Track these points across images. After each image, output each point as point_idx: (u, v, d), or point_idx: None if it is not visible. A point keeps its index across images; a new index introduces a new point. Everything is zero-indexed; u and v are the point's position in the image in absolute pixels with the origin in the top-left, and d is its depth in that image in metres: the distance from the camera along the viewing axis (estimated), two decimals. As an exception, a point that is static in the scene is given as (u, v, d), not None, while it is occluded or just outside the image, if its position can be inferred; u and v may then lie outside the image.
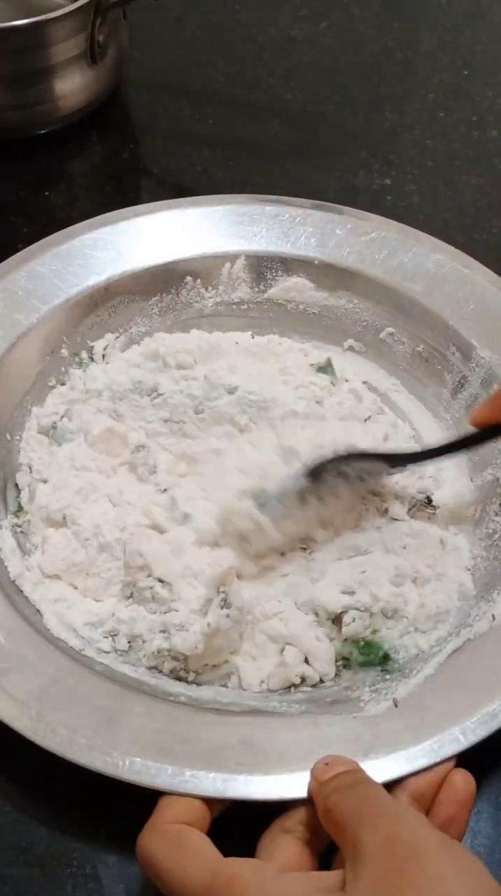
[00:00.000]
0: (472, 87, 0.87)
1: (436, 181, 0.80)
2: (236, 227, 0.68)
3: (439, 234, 0.70)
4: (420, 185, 0.79)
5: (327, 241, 0.60)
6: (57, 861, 0.49)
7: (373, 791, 0.44)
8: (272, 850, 0.45)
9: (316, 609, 0.55)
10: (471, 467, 0.62)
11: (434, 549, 0.58)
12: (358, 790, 0.44)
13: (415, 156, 0.82)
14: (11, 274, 0.64)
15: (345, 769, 0.46)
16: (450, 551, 0.58)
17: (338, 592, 0.55)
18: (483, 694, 0.50)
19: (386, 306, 0.67)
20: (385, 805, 0.43)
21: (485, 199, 0.79)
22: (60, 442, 0.61)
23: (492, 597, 0.55)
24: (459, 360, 0.65)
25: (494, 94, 0.87)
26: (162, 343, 0.64)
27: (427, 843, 0.40)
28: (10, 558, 0.56)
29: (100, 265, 0.66)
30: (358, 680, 0.53)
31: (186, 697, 0.52)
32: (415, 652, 0.54)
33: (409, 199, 0.78)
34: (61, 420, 0.61)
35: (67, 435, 0.60)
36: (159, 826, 0.44)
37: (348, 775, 0.45)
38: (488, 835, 0.51)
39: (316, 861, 0.45)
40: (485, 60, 0.90)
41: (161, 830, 0.44)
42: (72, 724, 0.48)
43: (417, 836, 0.40)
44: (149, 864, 0.43)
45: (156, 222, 0.68)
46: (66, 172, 0.79)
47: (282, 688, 0.53)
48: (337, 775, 0.45)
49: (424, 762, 0.48)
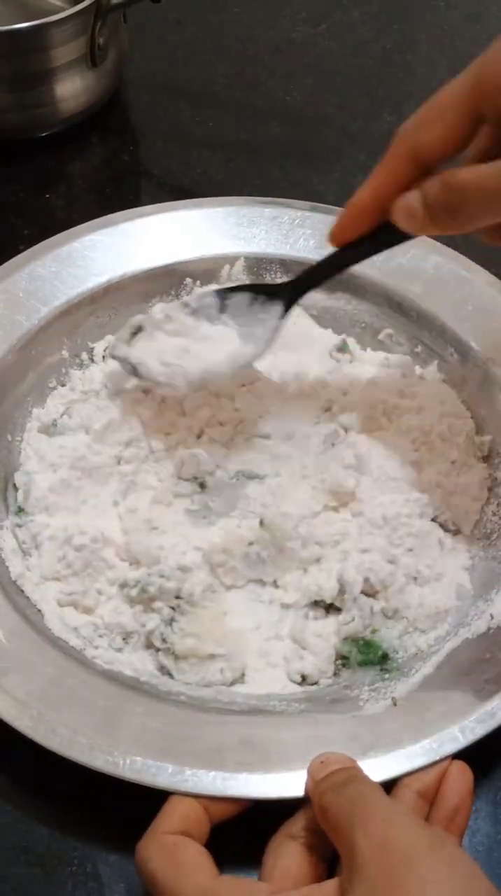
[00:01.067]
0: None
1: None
2: (235, 229, 0.68)
3: (438, 236, 0.70)
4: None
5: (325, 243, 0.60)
6: (57, 860, 0.49)
7: (366, 790, 0.44)
8: (277, 856, 0.45)
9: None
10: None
11: (433, 549, 0.58)
12: (351, 789, 0.44)
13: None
14: (12, 276, 0.64)
15: (340, 767, 0.46)
16: (449, 551, 0.58)
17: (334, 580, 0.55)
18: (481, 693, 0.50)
19: (385, 307, 0.67)
20: (377, 805, 0.43)
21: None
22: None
23: (490, 596, 0.55)
24: (457, 360, 0.65)
25: (493, 97, 0.87)
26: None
27: (419, 846, 0.40)
28: (11, 558, 0.56)
29: (101, 267, 0.66)
30: (357, 679, 0.53)
31: (186, 697, 0.52)
32: (414, 651, 0.54)
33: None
34: (61, 418, 0.61)
35: (67, 431, 0.60)
36: (157, 836, 0.45)
37: (341, 773, 0.45)
38: (487, 833, 0.51)
39: (321, 867, 0.45)
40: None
41: (158, 841, 0.44)
42: (72, 723, 0.48)
43: (409, 839, 0.40)
44: (146, 875, 0.43)
45: (155, 224, 0.68)
46: (67, 174, 0.79)
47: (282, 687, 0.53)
48: (332, 773, 0.45)
49: (423, 761, 0.48)
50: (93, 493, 0.59)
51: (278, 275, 0.68)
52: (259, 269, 0.68)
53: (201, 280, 0.68)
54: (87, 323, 0.66)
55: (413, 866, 0.39)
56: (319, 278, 0.59)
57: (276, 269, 0.68)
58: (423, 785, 0.47)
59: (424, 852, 0.40)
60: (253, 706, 0.52)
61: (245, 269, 0.68)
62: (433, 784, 0.48)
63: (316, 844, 0.45)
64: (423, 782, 0.48)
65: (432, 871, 0.39)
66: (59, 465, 0.58)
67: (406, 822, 0.41)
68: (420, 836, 0.41)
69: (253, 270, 0.68)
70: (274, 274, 0.68)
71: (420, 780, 0.48)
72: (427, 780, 0.48)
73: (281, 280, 0.67)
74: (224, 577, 0.56)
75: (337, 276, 0.59)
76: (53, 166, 0.81)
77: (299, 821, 0.46)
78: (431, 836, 0.41)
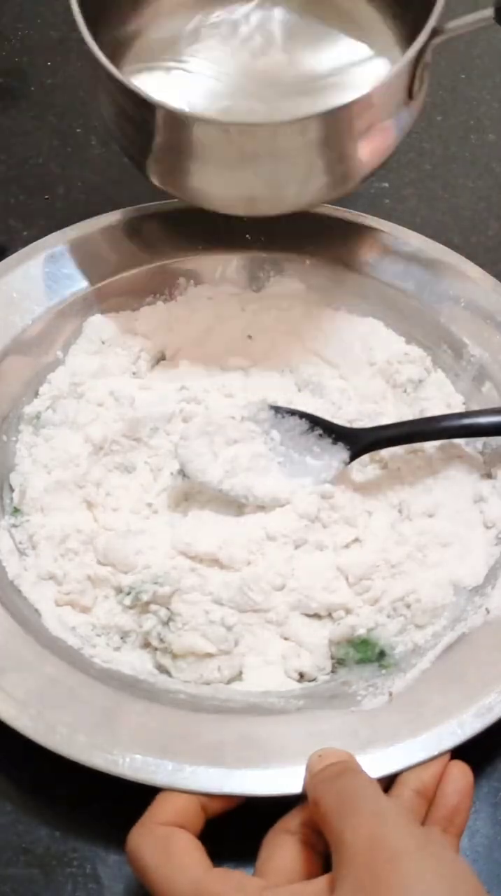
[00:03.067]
0: (470, 90, 0.87)
1: (434, 184, 0.80)
2: (229, 229, 0.68)
3: (437, 236, 0.70)
4: (417, 188, 0.79)
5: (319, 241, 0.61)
6: (57, 861, 0.49)
7: (358, 783, 0.44)
8: (272, 851, 0.45)
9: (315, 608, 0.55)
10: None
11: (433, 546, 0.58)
12: (342, 781, 0.44)
13: (413, 159, 0.82)
14: (6, 276, 0.64)
15: (337, 760, 0.46)
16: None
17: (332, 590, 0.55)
18: (478, 687, 0.50)
19: (378, 304, 0.67)
20: (367, 800, 0.42)
21: (483, 203, 0.79)
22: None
23: (486, 591, 0.55)
24: (451, 357, 0.65)
25: (492, 98, 0.87)
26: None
27: (406, 845, 0.40)
28: (8, 559, 0.56)
29: (94, 267, 0.66)
30: (354, 675, 0.53)
31: (185, 695, 0.52)
32: (411, 647, 0.54)
33: (407, 202, 0.78)
34: (46, 411, 0.61)
35: (49, 426, 0.61)
36: (150, 826, 0.45)
37: (337, 765, 0.45)
38: (486, 833, 0.51)
39: (317, 863, 0.44)
40: (482, 64, 0.90)
41: (151, 831, 0.44)
42: (71, 722, 0.48)
43: (397, 837, 0.40)
44: (137, 864, 0.43)
45: (149, 224, 0.68)
46: (67, 175, 0.79)
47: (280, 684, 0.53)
48: (326, 766, 0.46)
49: (422, 755, 0.48)
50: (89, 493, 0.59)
51: (271, 274, 0.68)
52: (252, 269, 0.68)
53: (194, 279, 0.68)
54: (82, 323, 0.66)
55: (399, 864, 0.39)
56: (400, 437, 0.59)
57: (269, 268, 0.68)
58: (422, 784, 0.47)
59: (411, 851, 0.40)
60: (252, 703, 0.52)
61: (238, 269, 0.68)
62: (431, 783, 0.47)
63: (313, 840, 0.45)
64: (422, 781, 0.47)
65: (418, 869, 0.39)
66: (52, 467, 0.59)
67: (395, 820, 0.41)
68: (408, 835, 0.40)
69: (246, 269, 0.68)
70: (267, 273, 0.68)
71: (418, 779, 0.47)
72: (426, 779, 0.47)
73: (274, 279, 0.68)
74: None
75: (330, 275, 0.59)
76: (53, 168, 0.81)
77: (296, 816, 0.46)
78: (419, 834, 0.41)
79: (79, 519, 0.58)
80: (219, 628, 0.53)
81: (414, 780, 0.47)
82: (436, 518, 0.59)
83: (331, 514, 0.58)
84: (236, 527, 0.57)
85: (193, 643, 0.53)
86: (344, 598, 0.55)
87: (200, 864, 0.43)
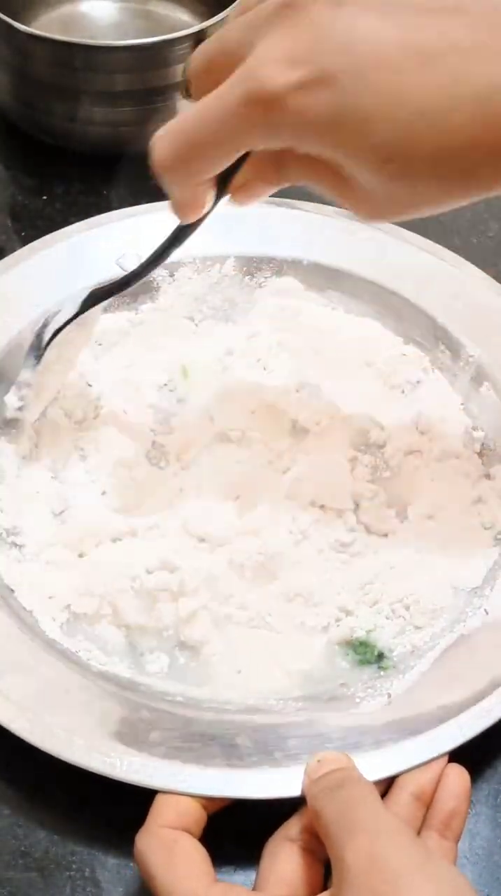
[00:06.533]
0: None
1: (433, 185, 0.80)
2: (225, 229, 0.68)
3: (436, 236, 0.70)
4: (416, 188, 0.79)
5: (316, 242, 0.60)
6: (56, 864, 0.49)
7: (358, 794, 0.44)
8: (274, 861, 0.45)
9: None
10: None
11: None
12: (343, 793, 0.44)
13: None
14: (2, 276, 0.64)
15: (337, 767, 0.46)
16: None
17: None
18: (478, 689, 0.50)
19: (376, 305, 0.67)
20: (367, 815, 0.42)
21: (482, 203, 0.78)
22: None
23: (485, 592, 0.55)
24: (448, 357, 0.65)
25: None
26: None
27: (406, 863, 0.40)
28: (4, 560, 0.56)
29: (91, 268, 0.66)
30: (353, 677, 0.53)
31: (183, 697, 0.52)
32: (410, 648, 0.54)
33: (405, 202, 0.78)
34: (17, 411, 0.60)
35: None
36: (154, 830, 0.44)
37: (336, 774, 0.45)
38: (486, 837, 0.50)
39: (319, 871, 0.44)
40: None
41: (156, 835, 0.44)
42: (69, 725, 0.48)
43: (397, 856, 0.40)
44: (143, 869, 0.43)
45: (145, 225, 0.68)
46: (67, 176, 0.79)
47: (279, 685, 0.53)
48: (327, 774, 0.45)
49: (421, 757, 0.48)
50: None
51: (268, 274, 0.68)
52: (249, 268, 0.68)
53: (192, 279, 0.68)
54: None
55: (400, 884, 0.39)
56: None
57: (266, 268, 0.68)
58: (419, 787, 0.47)
59: (411, 870, 0.39)
60: (250, 705, 0.52)
61: (235, 269, 0.68)
62: (429, 786, 0.47)
63: (314, 846, 0.44)
64: (419, 784, 0.47)
65: (419, 889, 0.39)
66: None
67: (395, 838, 0.41)
68: (408, 853, 0.40)
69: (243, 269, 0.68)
70: (264, 273, 0.68)
71: (415, 782, 0.47)
72: (424, 782, 0.47)
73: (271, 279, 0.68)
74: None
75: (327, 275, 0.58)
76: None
77: (296, 822, 0.46)
78: (418, 853, 0.41)
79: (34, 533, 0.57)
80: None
81: (413, 783, 0.47)
82: (435, 519, 0.59)
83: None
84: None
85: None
86: (343, 600, 0.55)
87: (204, 877, 0.43)
